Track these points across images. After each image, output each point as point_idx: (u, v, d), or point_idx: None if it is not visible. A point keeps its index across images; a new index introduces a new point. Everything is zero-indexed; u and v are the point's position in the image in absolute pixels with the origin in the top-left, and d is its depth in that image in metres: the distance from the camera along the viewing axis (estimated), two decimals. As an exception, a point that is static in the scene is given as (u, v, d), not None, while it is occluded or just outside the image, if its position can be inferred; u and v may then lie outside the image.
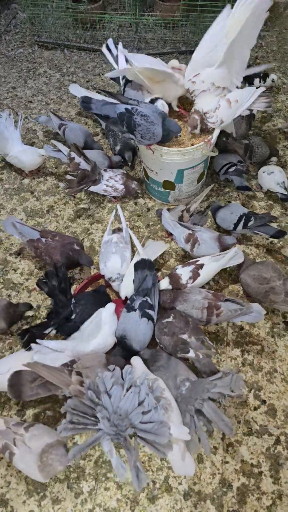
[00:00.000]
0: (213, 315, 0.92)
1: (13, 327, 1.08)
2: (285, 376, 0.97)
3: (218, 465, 0.85)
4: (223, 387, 0.77)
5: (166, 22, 2.05)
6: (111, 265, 1.05)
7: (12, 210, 1.38)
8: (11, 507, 0.82)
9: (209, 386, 0.78)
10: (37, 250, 1.10)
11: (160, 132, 1.04)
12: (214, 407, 0.76)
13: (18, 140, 1.40)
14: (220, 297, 0.95)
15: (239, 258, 1.04)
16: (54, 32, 2.09)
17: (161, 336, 0.90)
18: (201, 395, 0.77)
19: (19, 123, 1.41)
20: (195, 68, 1.07)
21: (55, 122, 1.45)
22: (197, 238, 1.06)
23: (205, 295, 0.95)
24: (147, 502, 0.81)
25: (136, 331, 0.89)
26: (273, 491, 0.82)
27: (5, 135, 1.36)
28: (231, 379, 0.77)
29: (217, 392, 0.76)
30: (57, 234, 1.13)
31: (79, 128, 1.45)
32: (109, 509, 0.81)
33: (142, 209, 1.36)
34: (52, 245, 1.08)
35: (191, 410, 0.78)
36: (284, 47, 2.08)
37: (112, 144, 1.45)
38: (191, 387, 0.80)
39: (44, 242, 1.09)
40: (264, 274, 1.00)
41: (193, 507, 0.81)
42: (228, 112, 1.09)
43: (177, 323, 0.90)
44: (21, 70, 2.00)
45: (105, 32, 2.10)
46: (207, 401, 0.76)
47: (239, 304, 0.93)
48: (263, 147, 1.38)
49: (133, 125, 1.03)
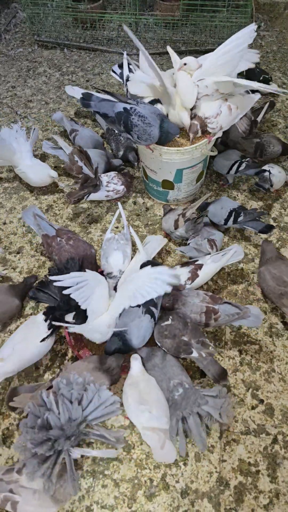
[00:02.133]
0: (211, 320, 0.92)
1: (12, 327, 1.08)
2: (283, 375, 0.98)
3: (215, 463, 0.86)
4: (214, 408, 0.80)
5: (166, 21, 2.05)
6: (113, 261, 1.05)
7: (11, 209, 1.38)
8: (9, 505, 0.82)
9: (201, 401, 0.80)
10: (49, 247, 1.09)
11: (157, 133, 1.03)
12: (198, 422, 0.81)
13: (28, 153, 1.32)
14: (218, 300, 0.95)
15: (239, 255, 1.04)
16: (54, 32, 2.09)
17: (162, 340, 0.90)
18: (191, 407, 0.80)
19: (31, 135, 1.36)
20: (202, 73, 1.06)
21: (68, 127, 1.44)
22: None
23: (202, 297, 0.95)
24: (145, 500, 0.82)
25: (138, 327, 0.88)
26: (270, 490, 0.83)
27: (13, 147, 1.30)
28: (223, 404, 0.80)
29: (206, 411, 0.80)
30: (73, 237, 1.08)
31: (90, 136, 1.42)
32: (107, 507, 0.81)
33: (141, 208, 1.36)
34: (65, 248, 1.05)
35: (179, 416, 0.81)
36: (284, 47, 2.08)
37: (115, 149, 1.43)
38: (184, 394, 0.81)
39: (58, 241, 1.07)
40: (285, 277, 1.00)
41: (190, 505, 0.81)
42: (228, 119, 1.09)
43: (177, 325, 0.90)
44: (20, 69, 2.00)
45: (105, 32, 2.11)
46: (194, 414, 0.80)
47: (237, 307, 0.93)
48: (275, 146, 1.36)
49: (130, 125, 1.03)
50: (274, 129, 1.62)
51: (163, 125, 1.03)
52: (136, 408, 0.80)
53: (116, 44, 2.08)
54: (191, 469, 0.85)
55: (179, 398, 0.81)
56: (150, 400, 0.81)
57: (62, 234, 1.09)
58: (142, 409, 0.79)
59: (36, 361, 1.00)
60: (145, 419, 0.78)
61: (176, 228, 1.13)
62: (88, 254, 1.07)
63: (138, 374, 0.86)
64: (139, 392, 0.82)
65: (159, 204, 1.37)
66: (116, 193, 1.29)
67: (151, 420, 0.78)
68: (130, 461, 0.86)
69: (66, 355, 1.01)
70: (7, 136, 1.31)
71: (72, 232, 1.13)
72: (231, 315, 0.91)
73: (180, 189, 1.27)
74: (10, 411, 0.87)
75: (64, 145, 1.33)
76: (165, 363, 0.88)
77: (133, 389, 0.83)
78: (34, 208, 1.14)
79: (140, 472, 0.85)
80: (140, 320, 0.89)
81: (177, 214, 1.14)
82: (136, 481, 0.84)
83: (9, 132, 1.33)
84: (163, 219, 1.20)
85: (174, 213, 1.16)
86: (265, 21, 2.25)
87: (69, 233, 1.11)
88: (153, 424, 0.77)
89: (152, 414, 0.78)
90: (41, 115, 1.73)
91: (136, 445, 0.88)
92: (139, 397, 0.81)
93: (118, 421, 0.90)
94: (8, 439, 0.90)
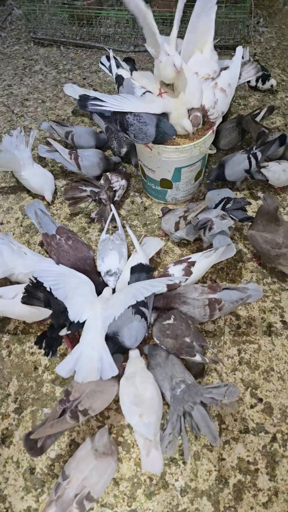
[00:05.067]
0: (216, 310, 0.92)
1: (10, 326, 1.08)
2: (282, 374, 0.98)
3: (214, 462, 0.86)
4: (217, 394, 0.78)
5: (163, 18, 2.03)
6: (109, 261, 1.05)
7: (9, 209, 1.37)
8: (9, 503, 0.83)
9: (204, 391, 0.79)
10: (48, 245, 1.09)
11: (153, 132, 1.02)
12: (204, 412, 0.77)
13: (29, 159, 1.28)
14: (217, 288, 0.95)
15: (231, 251, 1.03)
16: (50, 29, 2.07)
17: (163, 339, 0.90)
18: (194, 398, 0.78)
19: (29, 140, 1.33)
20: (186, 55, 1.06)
21: (60, 132, 1.41)
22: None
23: (201, 290, 0.95)
24: (144, 498, 0.82)
25: (129, 328, 0.88)
26: (269, 488, 0.83)
27: (16, 156, 1.25)
28: (228, 389, 0.77)
29: (209, 397, 0.77)
30: (72, 237, 1.08)
31: (86, 131, 1.42)
32: (107, 505, 0.82)
33: (139, 208, 1.36)
34: (64, 248, 1.05)
35: (179, 411, 0.78)
36: (284, 44, 2.06)
37: (117, 147, 1.40)
38: (186, 389, 0.81)
39: (57, 241, 1.06)
40: (278, 239, 1.02)
41: (190, 503, 0.82)
42: (226, 101, 1.08)
43: (179, 325, 0.90)
44: (17, 67, 1.99)
45: (101, 29, 2.08)
46: (197, 404, 0.77)
47: (236, 289, 0.93)
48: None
49: (125, 124, 1.02)
50: (273, 128, 1.61)
51: (160, 124, 1.02)
52: (130, 408, 0.80)
53: (113, 41, 2.06)
54: (190, 468, 0.85)
55: (181, 393, 0.80)
56: (145, 398, 0.80)
57: (62, 233, 1.08)
58: (135, 411, 0.79)
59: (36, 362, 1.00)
60: (135, 423, 0.78)
61: (176, 230, 1.13)
62: (87, 256, 1.07)
63: (135, 360, 0.87)
64: (135, 388, 0.82)
65: (158, 203, 1.36)
66: (123, 189, 1.30)
67: (140, 426, 0.77)
68: (130, 460, 0.86)
69: (65, 355, 1.01)
70: (9, 146, 1.28)
71: (72, 232, 1.12)
72: (234, 301, 0.91)
73: (178, 188, 1.26)
74: (38, 455, 0.79)
75: (60, 148, 1.32)
76: (168, 362, 0.88)
77: (129, 385, 0.83)
78: (39, 203, 1.13)
79: (140, 470, 0.85)
80: (130, 321, 0.89)
81: (178, 216, 1.14)
82: (135, 480, 0.84)
83: (10, 140, 1.30)
84: (162, 219, 1.20)
85: (174, 215, 1.16)
86: (264, 17, 2.23)
87: (69, 233, 1.10)
88: (141, 430, 0.77)
89: (142, 420, 0.77)
90: (37, 113, 1.72)
91: (135, 444, 0.88)
92: (134, 395, 0.81)
93: (117, 420, 0.91)
94: (8, 439, 0.90)
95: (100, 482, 0.75)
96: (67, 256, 1.04)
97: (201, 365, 0.95)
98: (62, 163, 1.35)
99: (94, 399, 0.80)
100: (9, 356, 1.02)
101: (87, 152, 1.34)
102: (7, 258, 1.01)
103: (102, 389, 0.82)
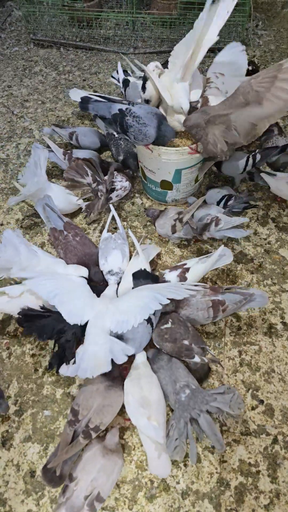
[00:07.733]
0: (219, 312, 0.91)
1: (10, 328, 1.07)
2: (283, 376, 0.98)
3: (216, 464, 0.86)
4: (223, 403, 0.78)
5: (163, 20, 2.04)
6: (112, 260, 1.05)
7: (8, 209, 1.37)
8: (9, 506, 0.82)
9: (209, 399, 0.79)
10: (56, 240, 1.10)
11: (153, 133, 1.02)
12: (210, 420, 0.78)
13: (46, 183, 1.20)
14: (219, 290, 0.94)
15: (228, 257, 1.01)
16: (50, 30, 2.07)
17: (162, 343, 0.89)
18: (200, 406, 0.78)
19: (41, 163, 1.21)
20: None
21: (63, 134, 1.42)
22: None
23: (203, 292, 0.94)
24: (145, 501, 0.82)
25: (134, 332, 0.88)
26: (271, 490, 0.83)
27: (37, 183, 1.17)
28: (232, 398, 0.78)
29: (215, 407, 0.78)
30: (79, 234, 1.10)
31: (91, 130, 1.42)
32: (108, 508, 0.81)
33: (140, 209, 1.36)
34: (72, 244, 1.07)
35: (186, 417, 0.79)
36: (282, 46, 2.08)
37: (115, 154, 1.40)
38: (191, 395, 0.81)
39: (65, 236, 1.08)
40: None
41: (191, 506, 0.81)
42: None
43: (177, 328, 0.89)
44: (16, 68, 1.99)
45: (101, 31, 2.09)
46: (204, 413, 0.78)
47: (240, 293, 0.92)
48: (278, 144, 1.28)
49: (125, 126, 1.03)
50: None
51: (161, 127, 1.02)
52: (136, 409, 0.79)
53: (113, 43, 2.07)
54: (192, 470, 0.85)
55: (186, 399, 0.80)
56: (151, 400, 0.80)
57: (69, 229, 1.10)
58: (142, 412, 0.78)
59: (36, 364, 1.00)
60: (143, 425, 0.78)
61: (174, 232, 1.13)
62: (94, 252, 1.09)
63: (140, 364, 0.87)
64: (141, 389, 0.81)
65: (158, 204, 1.36)
66: (124, 190, 1.29)
67: (148, 429, 0.77)
68: (131, 463, 0.86)
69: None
70: (31, 175, 1.19)
71: (79, 229, 1.14)
72: (238, 302, 0.90)
73: (178, 189, 1.27)
74: (60, 484, 0.77)
75: (54, 148, 1.32)
76: (171, 365, 0.87)
77: (134, 385, 0.82)
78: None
79: (141, 473, 0.85)
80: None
81: (172, 219, 1.13)
82: (136, 483, 0.84)
83: (30, 171, 1.21)
84: (156, 224, 1.18)
85: (168, 218, 1.14)
86: (263, 20, 2.25)
87: (77, 229, 1.12)
88: (150, 434, 0.76)
89: (151, 422, 0.76)
90: (37, 114, 1.72)
91: (137, 446, 0.88)
92: (140, 396, 0.80)
93: (117, 422, 0.90)
94: (8, 441, 0.89)
95: (108, 481, 0.74)
96: (75, 251, 1.06)
97: (205, 369, 0.94)
98: (56, 162, 1.36)
99: (104, 414, 0.79)
100: (9, 358, 1.02)
101: (81, 153, 1.34)
102: (23, 257, 0.99)
103: (110, 402, 0.81)
